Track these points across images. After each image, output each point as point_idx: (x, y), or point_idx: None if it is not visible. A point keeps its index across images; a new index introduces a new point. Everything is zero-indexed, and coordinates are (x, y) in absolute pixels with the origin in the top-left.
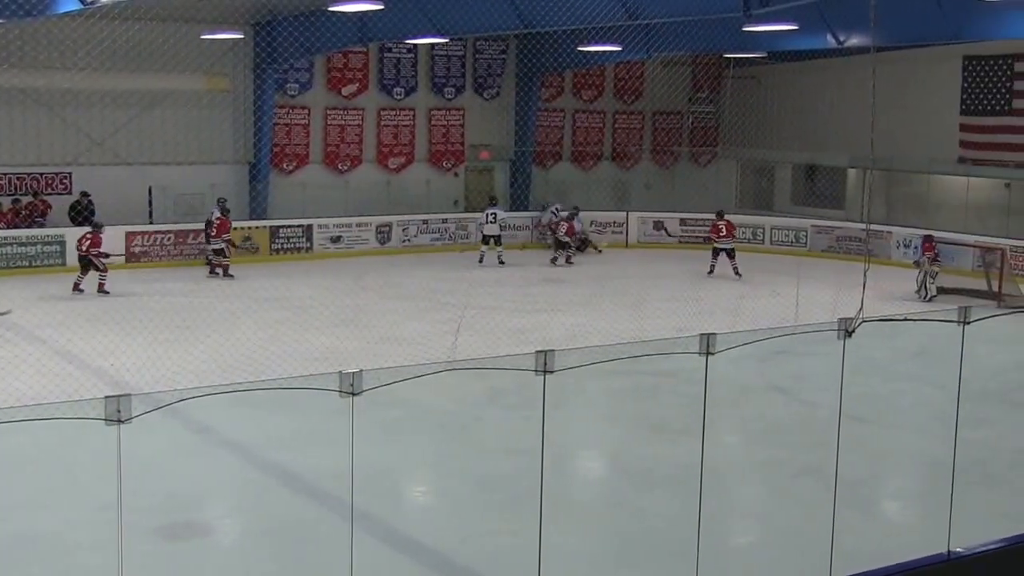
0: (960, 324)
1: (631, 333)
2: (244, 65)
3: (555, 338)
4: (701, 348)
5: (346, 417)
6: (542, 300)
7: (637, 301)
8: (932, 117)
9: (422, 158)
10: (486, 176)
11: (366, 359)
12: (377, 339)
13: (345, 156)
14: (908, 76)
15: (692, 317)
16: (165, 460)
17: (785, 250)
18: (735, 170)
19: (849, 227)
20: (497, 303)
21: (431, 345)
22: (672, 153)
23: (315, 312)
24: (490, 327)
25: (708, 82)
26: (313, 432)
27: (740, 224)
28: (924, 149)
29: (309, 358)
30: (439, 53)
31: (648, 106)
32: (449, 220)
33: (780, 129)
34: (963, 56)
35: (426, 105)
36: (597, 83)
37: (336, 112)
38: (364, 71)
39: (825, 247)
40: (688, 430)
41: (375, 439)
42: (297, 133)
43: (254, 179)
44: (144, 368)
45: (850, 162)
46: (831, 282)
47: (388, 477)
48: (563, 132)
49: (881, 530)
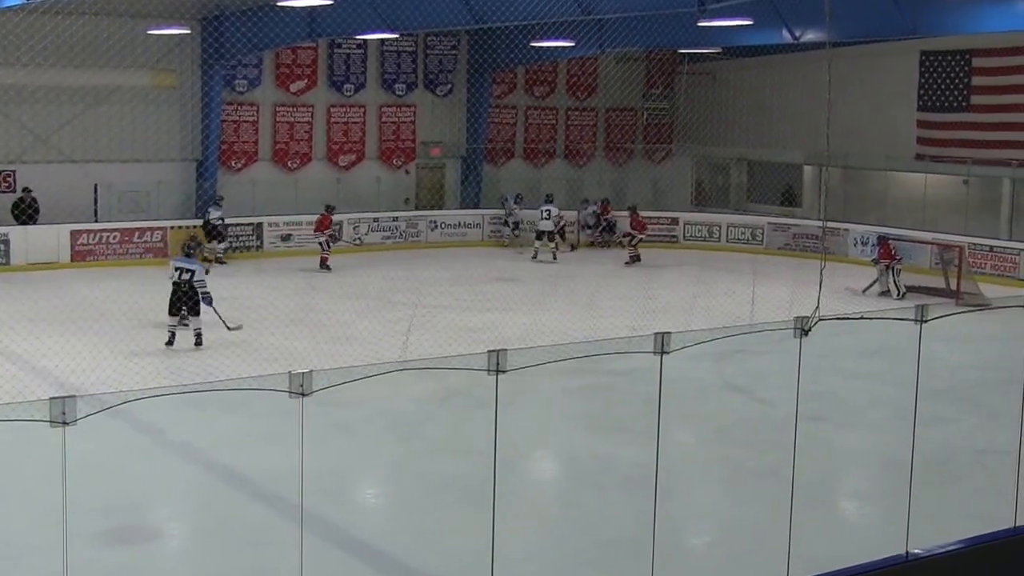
0: (917, 322)
1: (584, 332)
2: (191, 61)
3: (508, 337)
4: (655, 347)
5: (296, 418)
6: (494, 299)
7: (590, 300)
8: (889, 113)
9: (372, 155)
10: (437, 173)
11: (316, 359)
12: (328, 339)
13: (294, 153)
14: (865, 72)
15: (646, 316)
16: (112, 463)
17: (741, 248)
18: (690, 167)
19: (805, 224)
20: (449, 302)
21: (382, 345)
22: (626, 150)
23: (264, 312)
24: (442, 326)
25: (662, 78)
26: (262, 433)
27: (696, 222)
28: (881, 146)
29: (259, 358)
30: (389, 49)
31: (601, 102)
32: (400, 218)
33: (735, 126)
34: (920, 51)
35: (376, 102)
36: (550, 79)
37: (285, 109)
38: (313, 67)
39: (782, 244)
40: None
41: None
42: (246, 130)
43: (201, 177)
44: (89, 369)
45: (806, 159)
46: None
47: (339, 479)
48: (515, 129)
49: (839, 531)
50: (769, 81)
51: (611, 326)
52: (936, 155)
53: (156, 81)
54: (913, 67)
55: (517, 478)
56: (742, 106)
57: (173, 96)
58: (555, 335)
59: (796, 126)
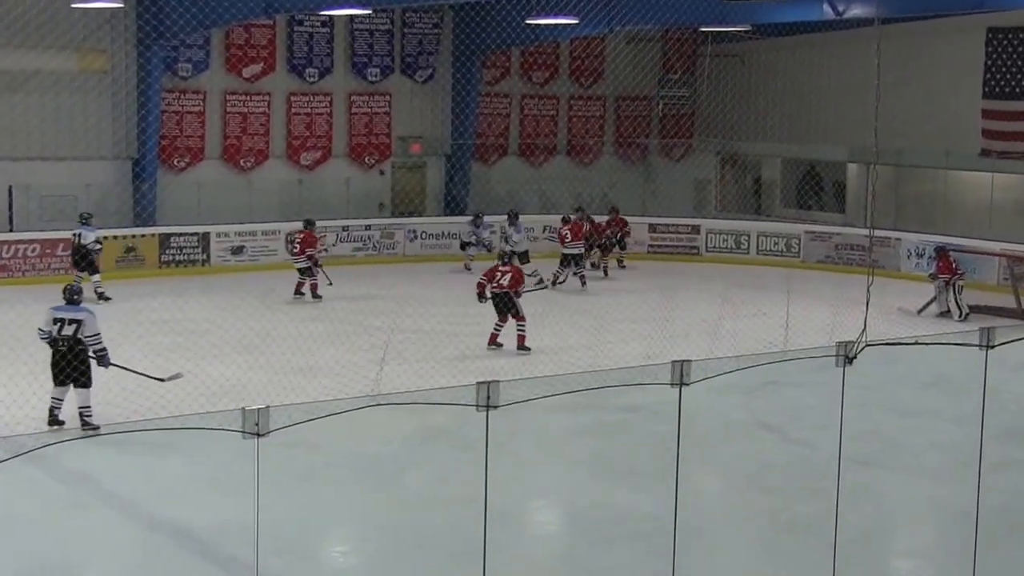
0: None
1: (590, 361)
2: (125, 40)
3: (500, 367)
4: (674, 377)
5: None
6: (484, 322)
7: (598, 322)
8: (949, 102)
9: (341, 153)
10: (417, 174)
11: (275, 393)
12: (288, 369)
13: (248, 150)
14: (920, 53)
15: (663, 341)
16: (29, 517)
17: (774, 261)
18: (714, 166)
19: (850, 233)
20: (432, 325)
21: (352, 376)
22: (639, 146)
23: (213, 337)
24: (423, 354)
25: (681, 61)
26: (211, 481)
27: (721, 231)
28: (940, 140)
29: (206, 392)
30: (360, 27)
31: (610, 90)
32: (373, 227)
33: (768, 117)
34: (987, 28)
35: (345, 89)
36: (550, 63)
37: (237, 97)
38: (271, 49)
39: (822, 257)
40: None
41: (286, 488)
42: (190, 123)
43: (138, 178)
44: (2, 407)
45: (851, 156)
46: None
47: (302, 534)
48: (509, 121)
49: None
50: (807, 65)
51: (622, 353)
52: (1005, 151)
53: (83, 64)
54: (978, 47)
55: (512, 532)
56: (775, 94)
57: (104, 82)
58: (556, 364)
59: (839, 118)
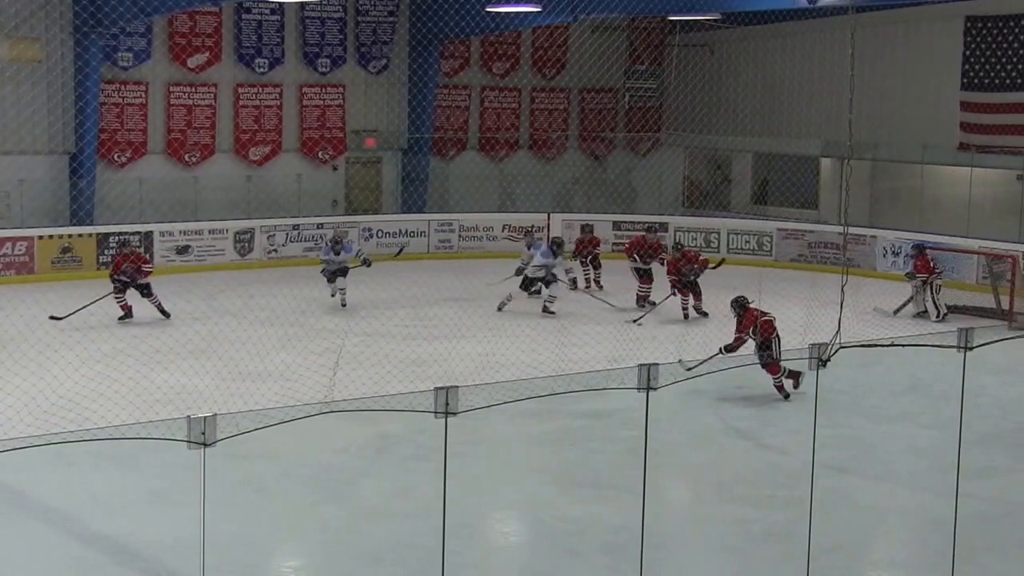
0: (961, 350)
1: (553, 365)
2: (61, 28)
3: (459, 372)
4: (640, 382)
5: (196, 474)
6: (443, 324)
7: (560, 325)
8: (926, 94)
9: (292, 147)
10: (372, 169)
11: (221, 400)
12: (236, 375)
13: (193, 145)
14: (897, 43)
15: (629, 344)
16: None
17: (745, 260)
18: (682, 161)
19: (824, 231)
20: (387, 328)
21: (303, 382)
22: (604, 140)
23: (156, 342)
24: (378, 358)
25: (649, 52)
26: (155, 494)
27: (689, 228)
28: (917, 134)
29: (148, 400)
30: (312, 15)
31: (574, 82)
32: (326, 225)
33: (737, 110)
34: (965, 17)
35: (296, 81)
36: (511, 53)
37: (181, 89)
38: (217, 38)
39: (794, 255)
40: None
41: (233, 501)
42: (132, 115)
43: (76, 174)
44: None
45: (824, 150)
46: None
47: (251, 549)
48: (469, 114)
49: None
50: (779, 56)
51: (586, 357)
52: (984, 144)
53: (15, 53)
54: (956, 37)
55: (472, 546)
56: (745, 86)
57: (38, 72)
58: (517, 368)
59: (812, 110)
